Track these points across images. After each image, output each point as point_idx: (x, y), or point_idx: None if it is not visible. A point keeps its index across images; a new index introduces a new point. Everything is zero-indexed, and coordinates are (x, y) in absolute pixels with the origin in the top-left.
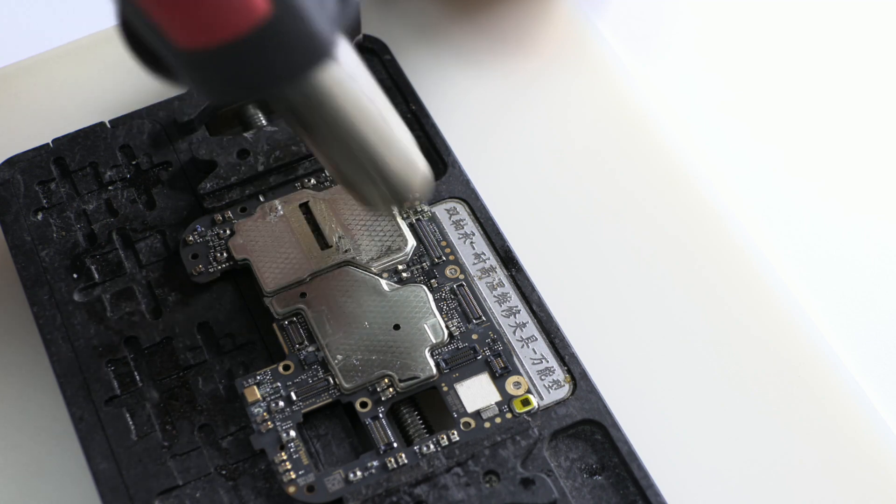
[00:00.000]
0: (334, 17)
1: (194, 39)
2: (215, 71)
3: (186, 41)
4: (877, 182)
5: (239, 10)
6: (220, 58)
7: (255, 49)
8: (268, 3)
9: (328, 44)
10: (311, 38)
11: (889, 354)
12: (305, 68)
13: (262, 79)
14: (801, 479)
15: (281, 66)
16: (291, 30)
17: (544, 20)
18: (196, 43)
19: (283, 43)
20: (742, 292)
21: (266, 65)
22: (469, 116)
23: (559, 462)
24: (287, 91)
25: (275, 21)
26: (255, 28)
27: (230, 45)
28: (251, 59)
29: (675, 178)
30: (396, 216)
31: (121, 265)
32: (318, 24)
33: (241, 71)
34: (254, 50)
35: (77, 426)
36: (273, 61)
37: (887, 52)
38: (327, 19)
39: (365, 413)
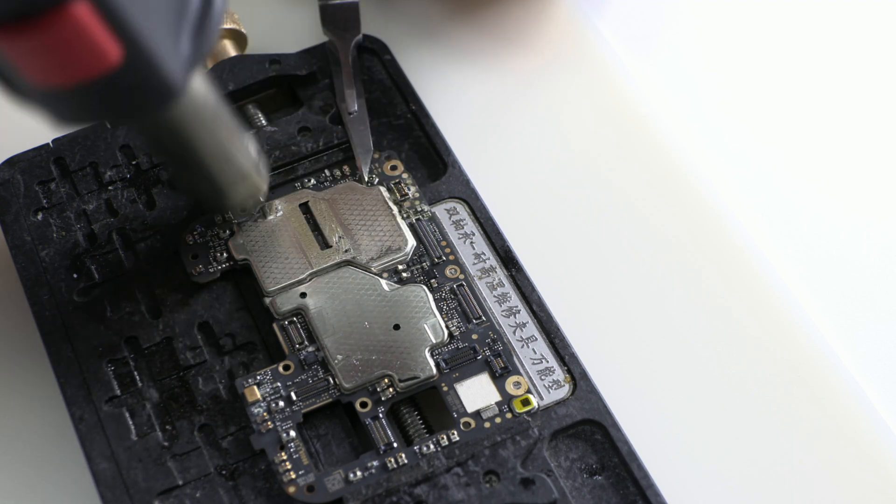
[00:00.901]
0: (188, 59)
1: (48, 81)
2: (68, 106)
3: (40, 81)
4: (877, 182)
5: (91, 59)
6: (73, 96)
7: (106, 91)
8: (119, 51)
9: (178, 86)
10: (161, 82)
11: (889, 354)
12: (154, 108)
13: (113, 115)
14: (801, 479)
15: (131, 105)
16: (141, 75)
17: (544, 20)
18: (49, 83)
19: (134, 86)
20: (742, 292)
21: (117, 104)
22: (469, 116)
23: (559, 462)
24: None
25: (125, 67)
26: (106, 73)
27: (82, 87)
28: (103, 99)
29: (675, 178)
30: (396, 216)
31: (121, 265)
32: (168, 68)
33: (93, 107)
34: (105, 91)
35: (77, 426)
36: (124, 101)
37: (887, 52)
38: (179, 61)
39: (365, 413)
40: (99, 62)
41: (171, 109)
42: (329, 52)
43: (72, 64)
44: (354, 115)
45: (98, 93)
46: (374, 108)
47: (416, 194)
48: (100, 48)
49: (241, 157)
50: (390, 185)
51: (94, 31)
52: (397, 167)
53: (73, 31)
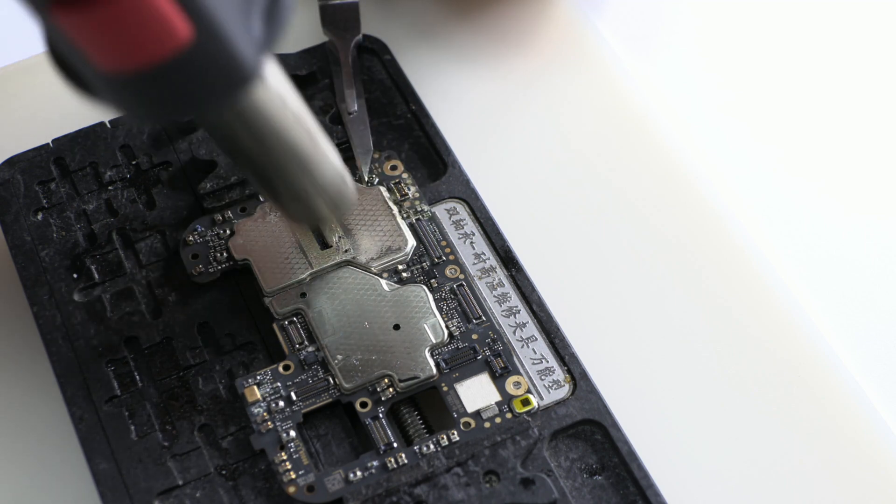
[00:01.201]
0: (260, 41)
1: (116, 64)
2: (138, 94)
3: (108, 66)
4: (876, 182)
5: (160, 37)
6: (143, 82)
7: (177, 74)
8: (189, 29)
9: (251, 69)
10: (234, 64)
11: (889, 354)
12: (228, 93)
13: (185, 103)
14: (801, 479)
15: (203, 90)
16: (213, 56)
17: (544, 20)
18: (118, 67)
19: (205, 69)
20: (742, 292)
21: (188, 89)
22: (469, 116)
23: (559, 462)
24: (212, 113)
25: (196, 47)
26: (176, 54)
27: (152, 71)
28: (173, 84)
29: (675, 177)
30: (396, 216)
31: (121, 265)
32: (240, 49)
33: (163, 95)
34: (175, 75)
35: (77, 426)
36: (195, 86)
37: (887, 52)
38: (252, 44)
39: (365, 413)
40: (167, 41)
41: (245, 98)
42: (329, 52)
43: (139, 43)
44: (354, 115)
45: (168, 77)
46: (374, 108)
47: (416, 194)
48: (168, 25)
49: (324, 163)
50: (390, 185)
51: (162, 7)
52: (397, 167)
53: (140, 6)
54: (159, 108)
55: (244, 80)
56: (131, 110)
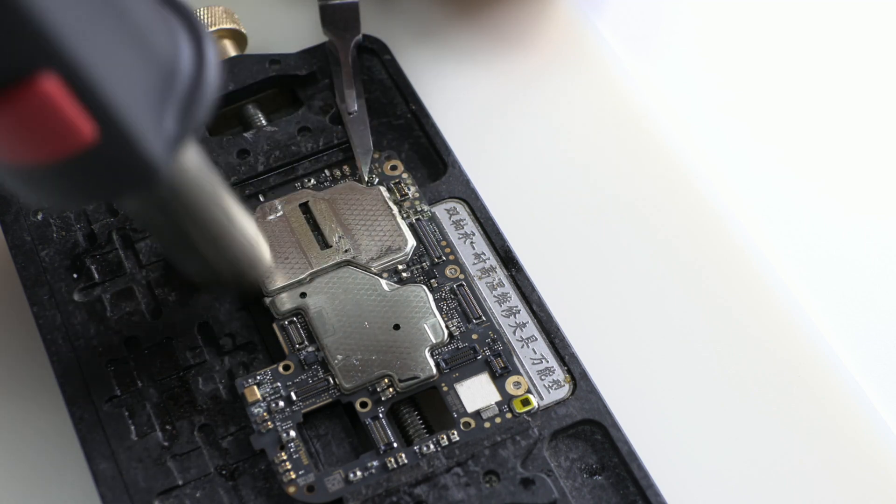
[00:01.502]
0: (172, 137)
1: (17, 159)
2: (43, 186)
3: (10, 160)
4: (877, 182)
5: (62, 135)
6: (47, 176)
7: (82, 170)
8: (93, 128)
9: (159, 166)
10: (141, 162)
11: (889, 354)
12: (133, 189)
13: (90, 195)
14: (801, 479)
15: (109, 185)
16: (119, 154)
17: (544, 20)
18: (20, 162)
19: (111, 165)
20: (742, 292)
21: (93, 184)
22: (469, 116)
23: (559, 462)
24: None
25: (102, 145)
26: (80, 151)
27: (56, 165)
28: (78, 178)
29: (675, 177)
30: (396, 216)
31: (121, 265)
32: (148, 148)
33: (68, 187)
34: (79, 171)
35: (77, 426)
36: (99, 181)
37: (887, 52)
38: (162, 141)
39: (365, 413)
40: (71, 140)
41: (154, 190)
42: (329, 52)
43: (41, 141)
44: (354, 115)
45: (72, 172)
46: (374, 108)
47: (416, 194)
48: (71, 125)
49: (237, 240)
50: (390, 185)
51: (63, 107)
52: (397, 167)
53: (41, 106)
54: (65, 198)
55: (151, 177)
56: (37, 199)
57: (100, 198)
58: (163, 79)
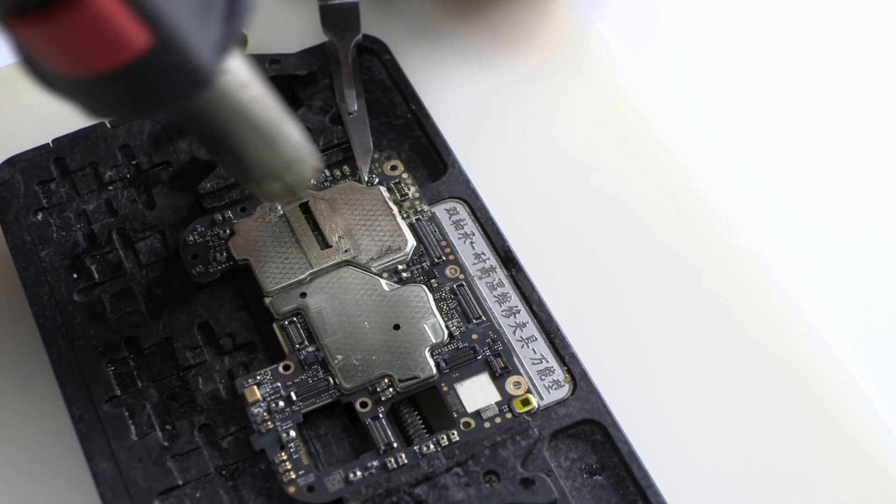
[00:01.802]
0: (218, 42)
1: (75, 70)
2: (99, 96)
3: (68, 71)
4: (877, 182)
5: (116, 46)
6: (103, 86)
7: (135, 79)
8: (145, 37)
9: (209, 72)
10: (191, 68)
11: (889, 354)
12: (186, 95)
13: (145, 104)
14: (801, 479)
15: (162, 93)
16: (170, 62)
17: (543, 20)
18: (78, 73)
19: (163, 73)
20: (742, 292)
21: (147, 92)
22: (469, 116)
23: (559, 462)
24: (174, 110)
25: (153, 54)
26: (133, 61)
27: (111, 76)
28: (132, 88)
29: (675, 177)
30: (396, 216)
31: (121, 265)
32: (197, 54)
33: (123, 97)
34: (134, 80)
35: (77, 426)
36: (154, 89)
37: (887, 52)
38: (210, 46)
39: (365, 413)
40: (124, 50)
41: (204, 96)
42: (329, 52)
43: (96, 52)
44: (354, 115)
45: (126, 82)
46: (374, 108)
47: (416, 194)
48: (123, 35)
49: (284, 147)
50: (390, 185)
51: (116, 18)
52: (397, 167)
53: (95, 17)
54: (121, 108)
55: (201, 83)
56: (94, 110)
57: (154, 106)
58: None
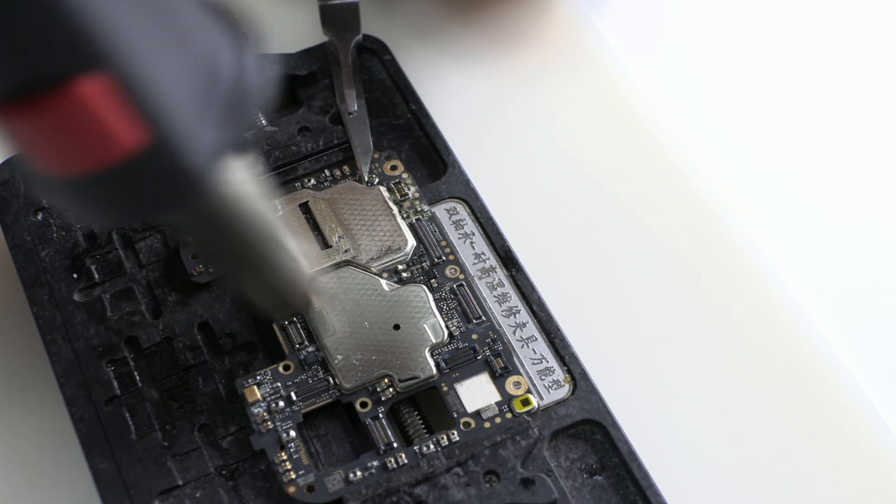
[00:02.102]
0: (213, 147)
1: (60, 167)
2: (84, 198)
3: (54, 169)
4: (877, 182)
5: (104, 142)
6: (88, 187)
7: (123, 181)
8: (136, 135)
9: (203, 179)
10: (184, 174)
11: (889, 354)
12: (178, 202)
13: (132, 210)
14: (801, 479)
15: (151, 199)
16: (162, 164)
17: (543, 20)
18: (62, 171)
19: (153, 177)
20: (742, 292)
21: (135, 197)
22: (469, 116)
23: (559, 462)
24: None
25: (144, 155)
26: (121, 160)
27: (96, 176)
28: (119, 190)
29: (675, 177)
30: (396, 216)
31: (121, 265)
32: (192, 159)
33: (110, 200)
34: (121, 182)
35: (77, 426)
36: (142, 194)
37: (887, 52)
38: (207, 150)
39: (365, 413)
40: (112, 148)
41: (197, 205)
42: (329, 52)
43: (81, 148)
44: (354, 115)
45: (114, 183)
46: (374, 108)
47: (416, 194)
48: (112, 132)
49: (278, 265)
50: (390, 185)
51: (105, 112)
52: (397, 167)
53: (81, 110)
54: (106, 212)
55: (194, 191)
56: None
57: (141, 212)
58: (204, 85)
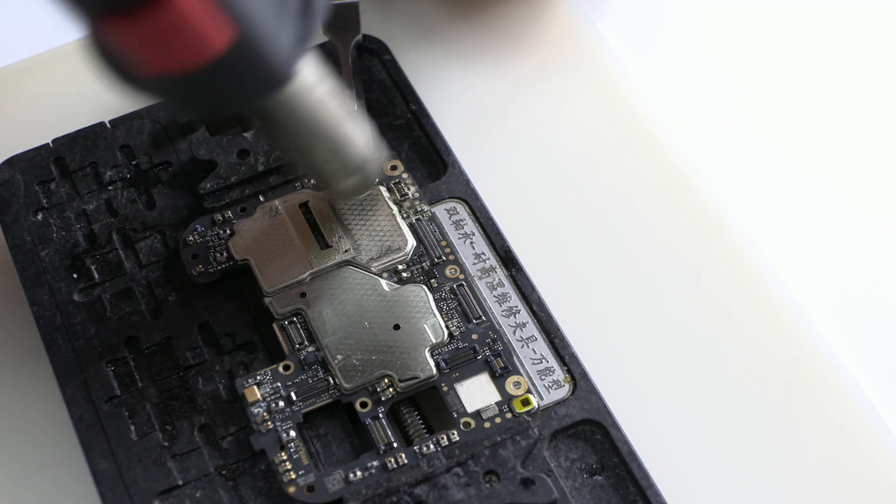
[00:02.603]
0: (295, 41)
1: (158, 68)
2: (180, 93)
3: (151, 70)
4: (877, 182)
5: (199, 44)
6: (184, 83)
7: (216, 77)
8: (227, 35)
9: (285, 71)
10: (268, 68)
11: (889, 354)
12: (263, 93)
13: (223, 100)
14: (801, 479)
15: (239, 90)
16: (250, 59)
17: (544, 20)
18: (160, 71)
19: (242, 71)
20: (742, 292)
21: (226, 89)
22: (469, 116)
23: (559, 462)
24: (248, 107)
25: (233, 52)
26: (214, 59)
27: (192, 73)
28: (212, 85)
29: (675, 177)
30: (396, 216)
31: (121, 265)
32: (275, 54)
33: (203, 93)
34: (214, 77)
35: (77, 426)
36: (232, 87)
37: (887, 52)
38: (287, 45)
39: (365, 413)
40: (206, 48)
41: (275, 97)
42: (329, 52)
43: (180, 51)
44: None
45: (207, 79)
46: (374, 108)
47: (416, 194)
48: (206, 34)
49: (351, 147)
50: (390, 185)
51: (199, 17)
52: (397, 167)
53: (180, 17)
54: (200, 104)
55: (278, 82)
56: (173, 105)
57: (231, 103)
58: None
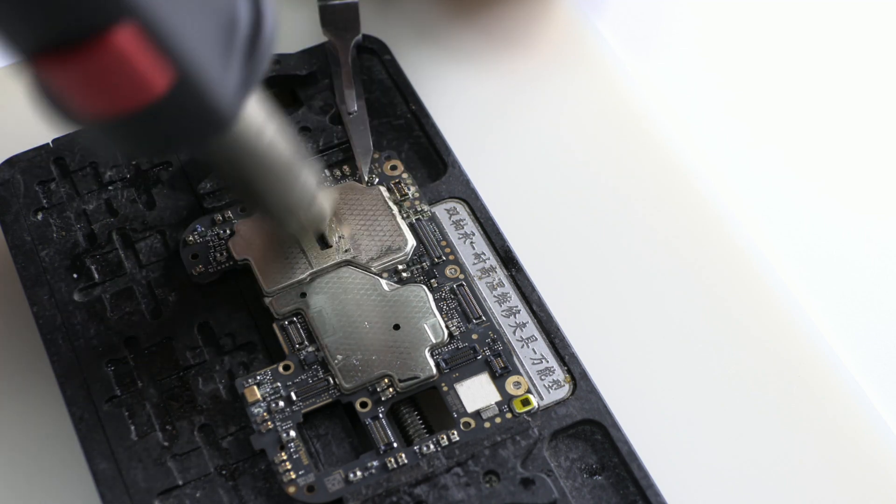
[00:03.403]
0: (240, 83)
1: (96, 110)
2: (119, 135)
3: (89, 111)
4: (877, 182)
5: (138, 85)
6: (123, 126)
7: (155, 120)
8: (167, 77)
9: (230, 113)
10: (212, 110)
11: (889, 354)
12: (205, 136)
13: (165, 144)
14: (801, 479)
15: (182, 134)
16: (191, 102)
17: (544, 20)
18: (98, 113)
19: (183, 114)
20: (742, 292)
21: (167, 133)
22: (469, 116)
23: (559, 462)
24: (194, 149)
25: (174, 95)
26: (152, 102)
27: (131, 116)
28: (152, 128)
29: (675, 177)
30: (396, 216)
31: (121, 265)
32: (218, 96)
33: (143, 136)
34: (154, 120)
35: (77, 426)
36: (174, 130)
37: (887, 52)
38: (232, 87)
39: (365, 413)
40: (145, 90)
41: (223, 138)
42: (329, 52)
43: (117, 92)
44: (354, 115)
45: (146, 122)
46: (374, 108)
47: (416, 194)
48: (145, 76)
49: (300, 187)
50: (390, 185)
51: (138, 58)
52: (397, 167)
53: (118, 58)
54: (142, 146)
55: (221, 125)
56: (117, 146)
57: (173, 146)
58: (226, 30)
